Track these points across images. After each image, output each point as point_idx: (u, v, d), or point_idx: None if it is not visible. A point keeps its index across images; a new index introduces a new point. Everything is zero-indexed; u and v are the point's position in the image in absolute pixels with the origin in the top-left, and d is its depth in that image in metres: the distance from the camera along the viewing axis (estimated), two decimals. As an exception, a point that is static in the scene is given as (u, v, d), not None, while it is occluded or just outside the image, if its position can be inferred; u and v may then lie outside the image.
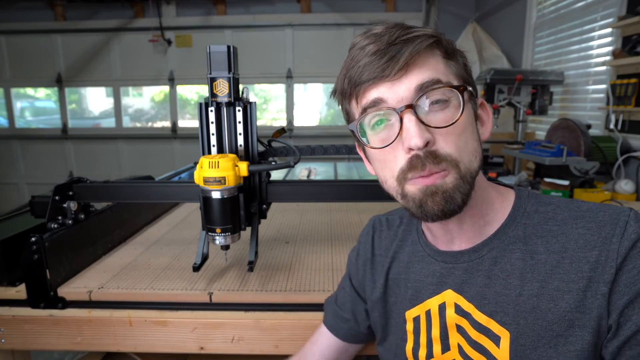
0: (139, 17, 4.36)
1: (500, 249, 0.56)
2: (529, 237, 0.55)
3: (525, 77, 2.36)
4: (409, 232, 0.69)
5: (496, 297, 0.55)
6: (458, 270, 0.59)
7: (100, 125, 4.81)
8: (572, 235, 0.53)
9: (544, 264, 0.53)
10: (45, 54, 4.45)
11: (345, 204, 1.63)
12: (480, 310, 0.56)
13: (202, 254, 0.94)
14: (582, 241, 0.52)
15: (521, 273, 0.54)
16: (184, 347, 0.88)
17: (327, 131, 4.46)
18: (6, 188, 4.78)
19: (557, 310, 0.50)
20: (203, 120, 0.91)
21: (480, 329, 0.55)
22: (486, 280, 0.56)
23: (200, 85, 4.58)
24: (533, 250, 0.54)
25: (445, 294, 0.59)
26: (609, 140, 1.98)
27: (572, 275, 0.51)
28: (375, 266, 0.71)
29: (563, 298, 0.50)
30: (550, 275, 0.52)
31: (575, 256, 0.51)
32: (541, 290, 0.52)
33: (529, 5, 3.03)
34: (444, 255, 0.61)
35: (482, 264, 0.57)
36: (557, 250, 0.53)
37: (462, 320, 0.57)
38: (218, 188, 0.83)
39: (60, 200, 0.97)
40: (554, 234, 0.54)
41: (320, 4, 4.29)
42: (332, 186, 1.00)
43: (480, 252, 0.58)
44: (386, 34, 0.52)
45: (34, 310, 0.90)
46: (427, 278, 0.62)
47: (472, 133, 0.55)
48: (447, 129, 0.51)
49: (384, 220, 0.74)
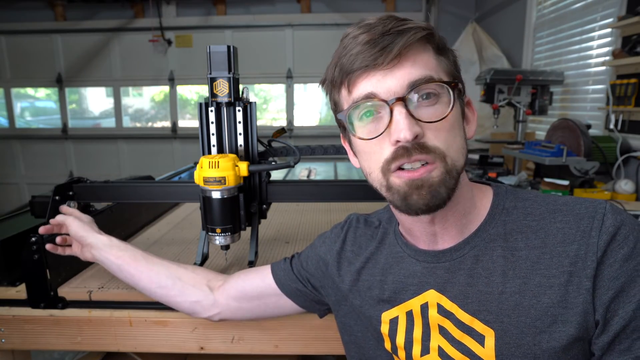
0: (139, 17, 4.37)
1: (482, 247, 0.56)
2: (509, 234, 0.55)
3: (525, 77, 2.36)
4: (387, 234, 0.67)
5: (479, 295, 0.54)
6: (440, 270, 0.58)
7: (100, 125, 4.82)
8: (550, 229, 0.53)
9: (525, 260, 0.53)
10: (45, 54, 4.45)
11: (345, 204, 1.63)
12: (464, 310, 0.55)
13: (202, 254, 0.94)
14: (561, 235, 0.52)
15: (503, 270, 0.54)
16: (184, 347, 0.88)
17: (327, 131, 4.46)
18: (6, 188, 4.78)
19: (539, 306, 0.50)
20: (203, 120, 0.91)
21: (463, 329, 0.55)
22: (468, 279, 0.56)
23: (200, 85, 4.58)
24: (514, 247, 0.54)
25: (427, 294, 0.59)
26: (609, 140, 1.98)
27: (553, 270, 0.51)
28: (342, 260, 0.69)
29: (545, 293, 0.50)
30: (532, 271, 0.52)
31: (555, 251, 0.51)
32: (523, 287, 0.52)
33: (529, 5, 3.03)
34: (425, 255, 0.60)
35: (464, 262, 0.57)
36: (537, 245, 0.53)
37: (445, 320, 0.57)
38: (218, 188, 0.83)
39: (60, 200, 0.97)
40: (533, 229, 0.54)
41: (320, 4, 4.29)
42: (332, 186, 1.00)
43: (462, 251, 0.57)
44: (379, 25, 0.51)
45: (34, 310, 0.90)
46: (408, 279, 0.61)
47: (460, 130, 0.55)
48: (437, 124, 0.51)
49: (362, 219, 0.73)
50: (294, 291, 0.75)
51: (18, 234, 0.97)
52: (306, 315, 0.87)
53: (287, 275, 0.75)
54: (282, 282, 0.75)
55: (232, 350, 0.88)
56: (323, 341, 0.87)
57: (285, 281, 0.75)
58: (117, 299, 0.91)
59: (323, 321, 0.85)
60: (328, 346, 0.87)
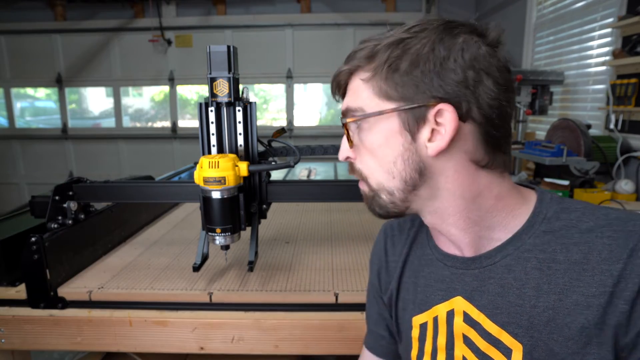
0: (139, 17, 4.36)
1: (515, 256, 0.53)
2: (548, 245, 0.51)
3: (525, 77, 2.36)
4: (420, 233, 0.66)
5: (509, 307, 0.52)
6: (468, 277, 0.56)
7: (100, 125, 4.81)
8: (596, 245, 0.49)
9: (563, 275, 0.49)
10: (45, 54, 4.45)
11: (345, 204, 1.63)
12: (492, 320, 0.53)
13: (202, 254, 0.94)
14: (607, 252, 0.47)
15: (537, 283, 0.50)
16: (184, 347, 0.88)
17: (327, 131, 4.46)
18: (6, 188, 4.78)
19: (574, 326, 0.47)
20: (203, 120, 0.91)
21: (490, 340, 0.53)
22: (499, 289, 0.53)
23: (200, 85, 4.58)
24: (551, 259, 0.51)
25: (454, 300, 0.57)
26: (609, 140, 1.98)
27: (593, 289, 0.47)
28: (389, 272, 0.69)
29: (582, 313, 0.47)
30: (570, 287, 0.48)
31: (598, 268, 0.47)
32: (558, 303, 0.49)
33: (529, 5, 3.03)
34: (453, 260, 0.58)
35: (494, 271, 0.54)
36: (578, 260, 0.49)
37: (471, 330, 0.55)
38: (218, 188, 0.83)
39: (60, 200, 0.97)
40: (575, 242, 0.50)
41: (320, 4, 4.29)
42: (332, 186, 1.00)
43: (493, 259, 0.54)
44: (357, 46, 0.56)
45: (34, 310, 0.90)
46: (436, 283, 0.59)
47: (386, 154, 0.53)
48: (362, 150, 0.56)
49: (395, 225, 0.71)
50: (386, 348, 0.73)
51: (18, 234, 0.97)
52: (306, 315, 0.87)
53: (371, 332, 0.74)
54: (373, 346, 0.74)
55: (232, 350, 0.88)
56: (323, 341, 0.87)
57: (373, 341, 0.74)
58: (117, 299, 0.91)
59: (323, 321, 0.85)
60: (328, 346, 0.87)
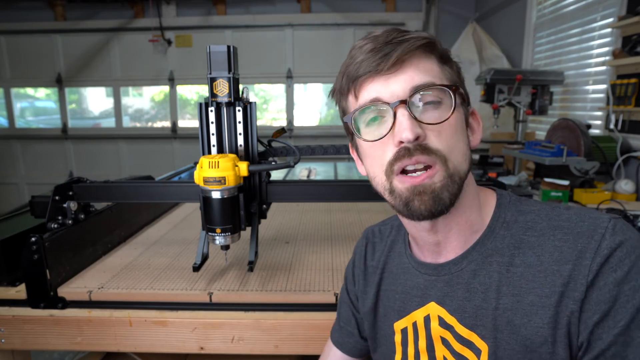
0: (139, 17, 4.36)
1: (479, 262, 0.56)
2: (507, 249, 0.54)
3: (525, 77, 2.36)
4: (397, 242, 0.69)
5: (476, 310, 0.54)
6: (440, 283, 0.59)
7: (100, 125, 4.81)
8: (547, 247, 0.51)
9: (520, 278, 0.52)
10: (45, 54, 4.45)
11: (345, 204, 1.63)
12: (462, 324, 0.56)
13: (202, 254, 0.94)
14: (557, 254, 0.50)
15: (497, 286, 0.53)
16: (184, 347, 0.88)
17: (327, 131, 4.46)
18: (6, 188, 4.77)
19: (530, 326, 0.50)
20: (203, 120, 0.91)
21: (463, 342, 0.56)
22: (466, 294, 0.56)
23: (200, 85, 4.57)
24: (510, 263, 0.53)
25: (429, 306, 0.60)
26: (609, 140, 1.98)
27: (546, 290, 0.50)
28: (367, 277, 0.71)
29: (537, 313, 0.50)
30: (526, 289, 0.51)
31: (550, 269, 0.50)
32: (516, 304, 0.51)
33: (529, 5, 3.03)
34: (426, 268, 0.61)
35: (461, 276, 0.57)
36: (532, 263, 0.52)
37: (446, 332, 0.58)
38: (218, 188, 0.83)
39: (60, 200, 0.97)
40: (531, 245, 0.53)
41: (320, 4, 4.29)
42: (332, 186, 1.00)
43: (460, 265, 0.57)
44: (383, 35, 0.54)
45: (34, 310, 0.90)
46: (412, 290, 0.62)
47: (463, 136, 0.55)
48: (439, 127, 0.52)
49: (377, 231, 0.74)
50: (353, 346, 0.76)
51: (18, 234, 0.97)
52: (306, 315, 0.87)
53: (340, 329, 0.77)
54: (340, 342, 0.77)
55: (232, 350, 0.88)
56: (323, 341, 0.87)
57: (340, 338, 0.77)
58: (117, 299, 0.91)
59: (323, 321, 0.85)
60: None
